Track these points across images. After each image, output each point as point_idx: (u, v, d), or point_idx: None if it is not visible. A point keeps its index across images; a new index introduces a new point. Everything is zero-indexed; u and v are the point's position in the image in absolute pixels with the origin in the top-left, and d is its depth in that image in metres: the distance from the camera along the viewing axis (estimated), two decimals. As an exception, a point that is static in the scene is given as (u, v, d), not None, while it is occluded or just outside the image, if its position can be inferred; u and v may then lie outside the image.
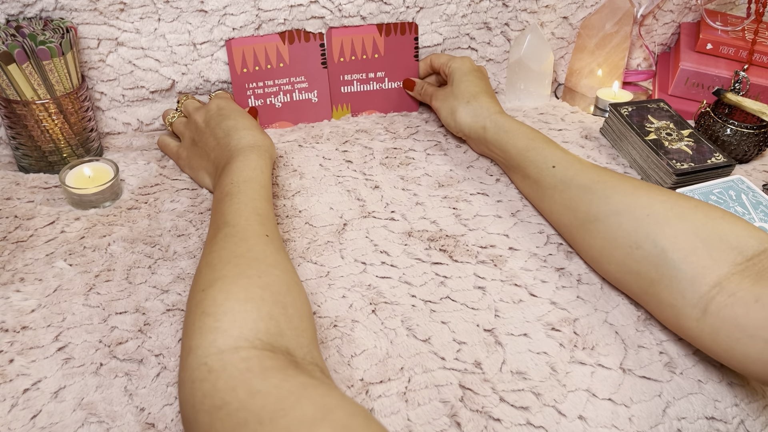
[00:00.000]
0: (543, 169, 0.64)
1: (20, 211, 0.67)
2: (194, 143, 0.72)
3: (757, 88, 0.88)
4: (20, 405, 0.48)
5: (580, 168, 0.61)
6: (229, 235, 0.52)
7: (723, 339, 0.45)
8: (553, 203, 0.63)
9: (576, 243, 0.62)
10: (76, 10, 0.73)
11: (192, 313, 0.44)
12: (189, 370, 0.40)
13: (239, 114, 0.71)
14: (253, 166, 0.61)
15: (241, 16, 0.79)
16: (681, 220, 0.51)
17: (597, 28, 0.93)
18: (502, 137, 0.71)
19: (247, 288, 0.45)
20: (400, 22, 0.85)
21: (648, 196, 0.55)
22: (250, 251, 0.50)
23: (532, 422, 0.49)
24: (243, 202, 0.56)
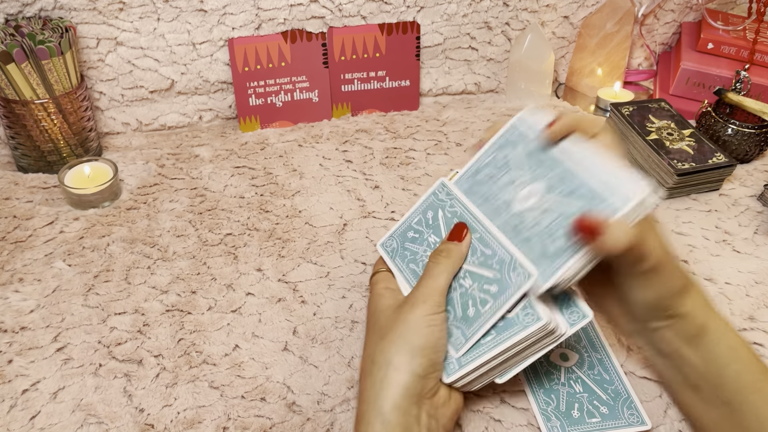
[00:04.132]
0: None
1: (19, 211, 0.67)
2: None
3: (759, 88, 0.88)
4: (19, 405, 0.48)
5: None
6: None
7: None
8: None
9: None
10: (75, 10, 0.73)
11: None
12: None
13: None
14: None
15: (241, 15, 0.79)
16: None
17: (598, 27, 0.92)
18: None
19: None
20: (402, 22, 0.85)
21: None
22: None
23: (532, 423, 0.49)
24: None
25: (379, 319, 0.45)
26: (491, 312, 0.43)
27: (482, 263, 0.46)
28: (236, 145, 0.80)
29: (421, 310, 0.43)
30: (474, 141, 0.83)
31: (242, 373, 0.51)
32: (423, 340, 0.42)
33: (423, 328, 0.42)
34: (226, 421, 0.48)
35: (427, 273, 0.46)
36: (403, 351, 0.42)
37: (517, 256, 0.44)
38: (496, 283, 0.44)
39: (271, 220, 0.68)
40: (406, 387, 0.41)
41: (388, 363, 0.41)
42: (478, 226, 0.47)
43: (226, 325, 0.56)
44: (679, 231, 0.69)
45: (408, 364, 0.41)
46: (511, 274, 0.44)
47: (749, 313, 0.59)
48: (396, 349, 0.42)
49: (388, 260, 0.51)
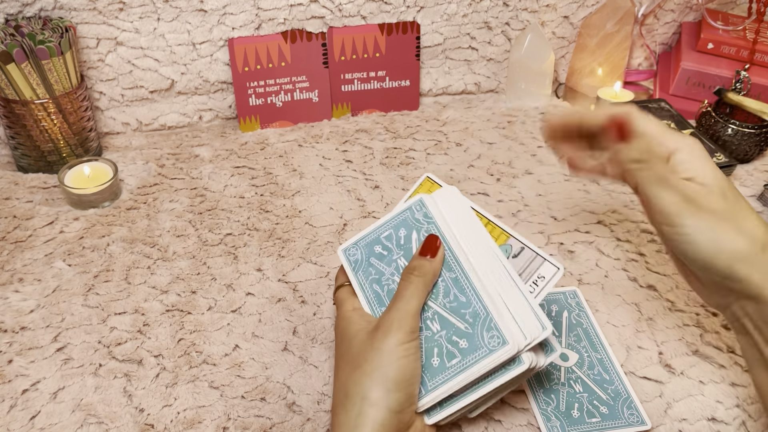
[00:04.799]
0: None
1: (19, 211, 0.67)
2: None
3: (758, 88, 0.88)
4: (19, 406, 0.48)
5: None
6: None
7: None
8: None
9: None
10: (75, 10, 0.73)
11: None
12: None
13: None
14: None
15: (241, 15, 0.79)
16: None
17: (598, 27, 0.92)
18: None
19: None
20: (402, 22, 0.85)
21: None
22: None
23: (532, 423, 0.49)
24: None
25: (351, 347, 0.42)
26: (457, 369, 0.41)
27: (454, 310, 0.43)
28: (236, 145, 0.80)
29: (395, 339, 0.40)
30: (473, 141, 0.83)
31: (242, 373, 0.51)
32: (399, 373, 0.40)
33: (398, 360, 0.40)
34: (226, 421, 0.48)
35: (399, 295, 0.42)
36: (378, 385, 0.39)
37: (493, 315, 0.42)
38: (466, 338, 0.42)
39: (271, 220, 0.68)
40: (383, 424, 0.39)
41: (363, 398, 0.39)
42: (456, 266, 0.44)
43: (226, 325, 0.56)
44: (679, 231, 0.69)
45: (384, 400, 0.39)
46: (484, 333, 0.41)
47: (749, 313, 0.59)
48: (370, 383, 0.39)
49: (349, 271, 0.47)
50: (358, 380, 0.40)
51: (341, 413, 0.40)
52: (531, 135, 0.85)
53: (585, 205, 0.72)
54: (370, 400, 0.39)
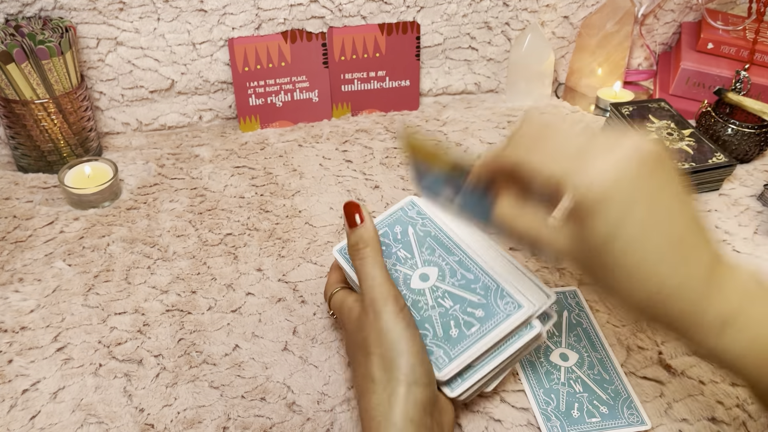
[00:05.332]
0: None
1: (19, 211, 0.67)
2: None
3: (758, 88, 0.88)
4: (19, 405, 0.48)
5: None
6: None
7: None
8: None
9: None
10: (75, 10, 0.73)
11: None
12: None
13: None
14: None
15: (241, 15, 0.79)
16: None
17: (598, 27, 0.92)
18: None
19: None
20: (402, 22, 0.85)
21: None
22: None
23: (532, 422, 0.49)
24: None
25: (356, 335, 0.43)
26: (478, 335, 0.44)
27: (464, 287, 0.46)
28: (236, 145, 0.80)
29: (388, 314, 0.41)
30: (473, 141, 0.83)
31: (242, 373, 0.51)
32: (413, 343, 0.40)
33: (402, 331, 0.41)
34: (226, 420, 0.48)
35: (361, 275, 0.43)
36: (399, 363, 0.40)
37: (504, 286, 0.45)
38: (481, 308, 0.45)
39: (271, 220, 0.68)
40: (416, 399, 0.39)
41: (389, 379, 0.40)
42: (457, 250, 0.48)
43: (226, 325, 0.56)
44: (679, 231, 0.69)
45: (410, 375, 0.40)
46: (498, 301, 0.45)
47: (749, 313, 0.59)
48: (391, 363, 0.40)
49: (348, 269, 0.49)
50: (378, 365, 0.40)
51: (372, 397, 0.40)
52: (531, 135, 0.85)
53: (585, 205, 0.72)
54: (399, 380, 0.40)
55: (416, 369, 0.40)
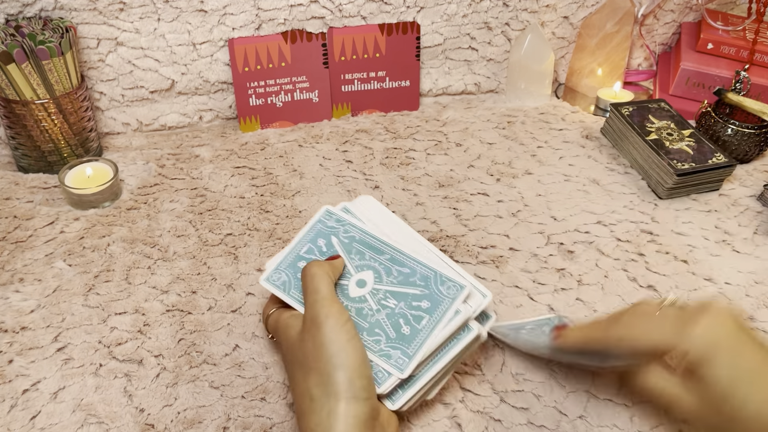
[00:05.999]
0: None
1: (19, 211, 0.67)
2: None
3: (758, 88, 0.88)
4: (20, 405, 0.48)
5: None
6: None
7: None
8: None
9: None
10: (76, 10, 0.73)
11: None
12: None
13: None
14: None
15: (241, 15, 0.79)
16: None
17: (598, 27, 0.92)
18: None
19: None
20: (402, 22, 0.85)
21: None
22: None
23: (533, 422, 0.49)
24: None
25: (296, 352, 0.42)
26: (430, 326, 0.44)
27: (403, 282, 0.46)
28: (236, 146, 0.80)
29: (330, 327, 0.40)
30: (473, 141, 0.83)
31: (242, 373, 0.51)
32: (351, 357, 0.39)
33: (345, 344, 0.39)
34: (226, 420, 0.48)
35: (306, 290, 0.43)
36: (337, 377, 0.38)
37: (441, 271, 0.46)
38: (425, 299, 0.45)
39: (272, 220, 0.68)
40: (356, 415, 0.38)
41: (328, 395, 0.38)
42: (386, 248, 0.48)
43: (226, 325, 0.56)
44: (679, 231, 0.70)
45: (349, 390, 0.38)
46: (440, 287, 0.45)
47: (749, 313, 0.59)
48: (329, 378, 0.38)
49: (281, 294, 0.48)
50: (316, 381, 0.39)
51: (311, 418, 0.39)
52: (531, 135, 0.85)
53: (585, 205, 0.72)
54: (337, 395, 0.38)
55: (354, 383, 0.39)
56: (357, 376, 0.39)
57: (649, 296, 0.61)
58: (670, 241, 0.68)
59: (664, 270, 0.64)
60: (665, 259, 0.65)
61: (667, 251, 0.66)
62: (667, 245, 0.67)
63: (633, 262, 0.65)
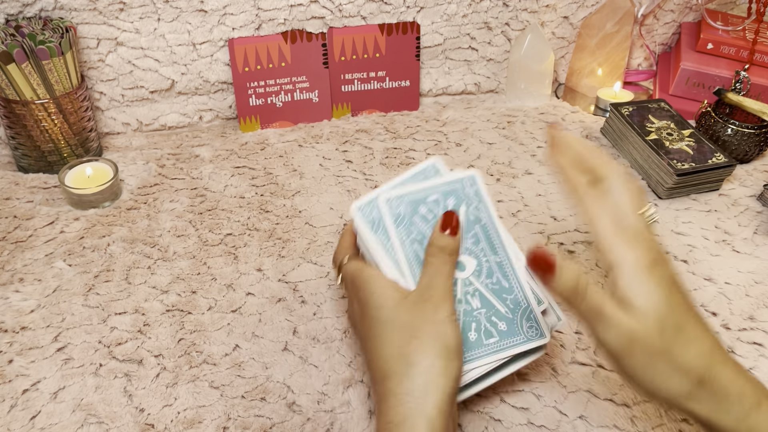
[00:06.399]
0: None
1: (19, 211, 0.67)
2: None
3: (758, 88, 0.88)
4: (19, 405, 0.48)
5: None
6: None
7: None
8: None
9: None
10: (76, 10, 0.73)
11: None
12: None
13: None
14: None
15: (241, 15, 0.79)
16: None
17: (597, 27, 0.92)
18: None
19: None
20: (402, 22, 0.85)
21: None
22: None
23: (533, 422, 0.49)
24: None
25: (397, 315, 0.41)
26: (494, 349, 0.43)
27: (496, 292, 0.44)
28: (236, 145, 0.80)
29: (444, 311, 0.41)
30: (473, 141, 0.83)
31: (242, 373, 0.51)
32: (455, 342, 0.41)
33: (452, 330, 0.41)
34: (226, 420, 0.48)
35: (437, 271, 0.42)
36: (442, 354, 0.40)
37: (533, 308, 0.44)
38: (506, 322, 0.44)
39: (271, 220, 0.68)
40: (449, 393, 0.40)
41: (430, 366, 0.39)
42: (502, 251, 0.45)
43: (226, 325, 0.56)
44: (679, 231, 0.70)
45: (448, 368, 0.40)
46: (524, 322, 0.44)
47: (749, 313, 0.59)
48: (435, 352, 0.40)
49: (390, 224, 0.44)
50: (419, 349, 0.40)
51: (404, 381, 0.39)
52: (531, 135, 0.85)
53: (585, 205, 0.72)
54: (438, 369, 0.40)
55: (452, 364, 0.40)
56: (456, 357, 0.41)
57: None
58: (670, 241, 0.68)
59: (664, 270, 0.64)
60: (665, 259, 0.65)
61: (667, 251, 0.66)
62: (667, 245, 0.67)
63: (633, 262, 0.65)
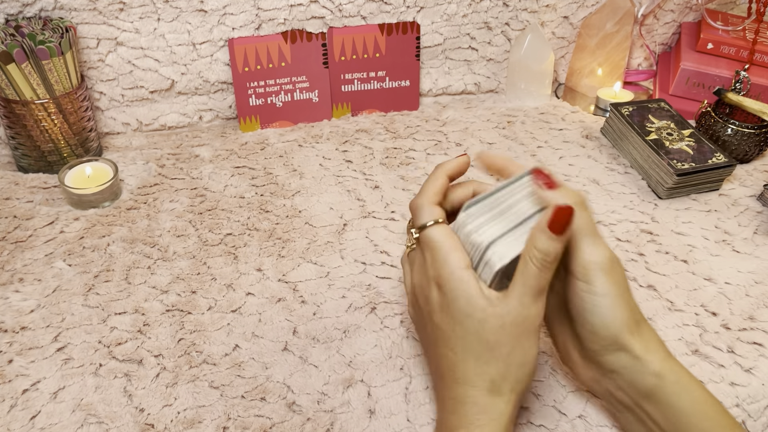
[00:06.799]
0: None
1: (19, 211, 0.67)
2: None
3: (758, 88, 0.88)
4: (19, 405, 0.48)
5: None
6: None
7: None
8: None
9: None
10: (76, 10, 0.73)
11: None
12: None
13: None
14: None
15: (241, 15, 0.79)
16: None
17: (598, 27, 0.92)
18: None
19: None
20: (402, 22, 0.85)
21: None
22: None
23: (532, 422, 0.49)
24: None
25: (484, 330, 0.39)
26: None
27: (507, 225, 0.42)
28: (236, 145, 0.80)
29: (534, 340, 0.40)
30: (473, 141, 0.83)
31: (242, 373, 0.51)
32: (530, 369, 0.41)
33: (533, 359, 0.40)
34: (226, 420, 0.48)
35: (539, 287, 0.39)
36: (518, 378, 0.40)
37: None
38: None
39: (271, 220, 0.68)
40: (513, 412, 0.40)
41: (511, 389, 0.40)
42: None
43: (226, 325, 0.56)
44: (679, 231, 0.70)
45: (515, 392, 0.40)
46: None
47: (749, 313, 0.59)
48: (513, 376, 0.40)
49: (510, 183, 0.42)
50: (502, 372, 0.40)
51: (487, 397, 0.40)
52: (531, 135, 0.85)
53: (585, 205, 0.72)
54: (513, 389, 0.40)
55: (519, 387, 0.41)
56: (524, 381, 0.41)
57: (649, 295, 0.61)
58: (670, 241, 0.68)
59: (664, 270, 0.64)
60: (665, 259, 0.65)
61: (667, 251, 0.66)
62: (667, 245, 0.67)
63: (633, 262, 0.65)
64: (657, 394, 0.41)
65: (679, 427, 0.41)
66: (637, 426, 0.44)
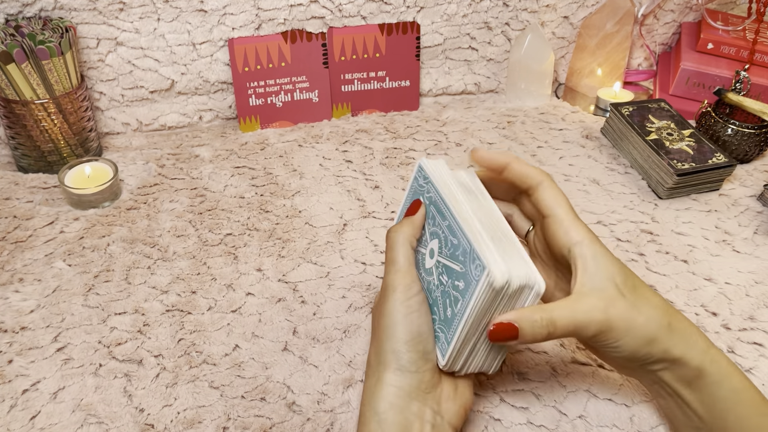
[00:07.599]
0: None
1: (19, 211, 0.67)
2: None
3: (758, 88, 0.88)
4: (19, 405, 0.48)
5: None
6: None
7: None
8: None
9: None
10: (76, 10, 0.73)
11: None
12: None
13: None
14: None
15: (241, 15, 0.79)
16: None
17: (598, 27, 0.92)
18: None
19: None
20: (402, 22, 0.85)
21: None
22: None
23: (532, 422, 0.49)
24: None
25: (372, 318, 0.45)
26: (461, 311, 0.39)
27: (451, 255, 0.41)
28: (236, 145, 0.80)
29: (393, 300, 0.41)
30: (473, 141, 0.83)
31: (242, 373, 0.51)
32: (406, 331, 0.41)
33: (403, 318, 0.41)
34: (226, 421, 0.48)
35: (387, 258, 0.44)
36: (390, 348, 0.41)
37: (474, 246, 0.38)
38: (462, 279, 0.39)
39: (271, 220, 0.68)
40: (399, 386, 0.40)
41: (378, 363, 0.41)
42: (448, 213, 0.42)
43: (226, 325, 0.56)
44: (679, 231, 0.69)
45: (395, 361, 0.41)
46: (471, 266, 0.38)
47: (749, 313, 0.59)
48: (385, 347, 0.41)
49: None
50: (375, 350, 0.42)
51: (367, 381, 0.42)
52: (531, 135, 0.85)
53: (585, 205, 0.72)
54: (385, 364, 0.41)
55: (402, 356, 0.41)
56: (406, 349, 0.41)
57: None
58: (670, 241, 0.68)
59: (664, 270, 0.64)
60: (665, 259, 0.65)
61: (667, 251, 0.66)
62: (667, 245, 0.67)
63: (633, 262, 0.65)
64: (697, 384, 0.42)
65: (716, 414, 0.41)
66: (675, 413, 0.44)
